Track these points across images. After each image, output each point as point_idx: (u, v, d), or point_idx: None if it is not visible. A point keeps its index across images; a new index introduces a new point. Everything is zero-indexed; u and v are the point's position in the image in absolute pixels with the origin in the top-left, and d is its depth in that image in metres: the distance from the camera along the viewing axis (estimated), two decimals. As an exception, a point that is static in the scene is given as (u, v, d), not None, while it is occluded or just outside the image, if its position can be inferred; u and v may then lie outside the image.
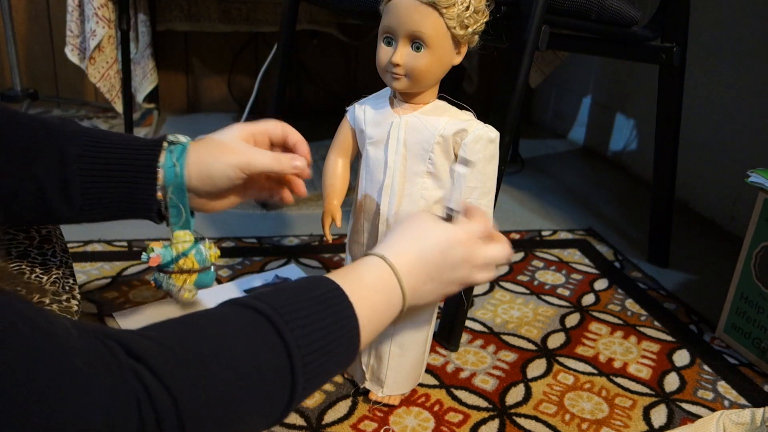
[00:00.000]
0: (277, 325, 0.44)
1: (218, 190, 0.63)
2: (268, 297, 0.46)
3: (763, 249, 0.88)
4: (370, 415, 0.73)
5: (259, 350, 0.43)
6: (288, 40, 1.17)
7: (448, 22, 0.61)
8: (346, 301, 0.49)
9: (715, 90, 1.42)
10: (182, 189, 0.60)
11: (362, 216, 0.70)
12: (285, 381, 0.44)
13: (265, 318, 0.44)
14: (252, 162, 0.61)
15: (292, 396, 0.44)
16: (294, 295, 0.47)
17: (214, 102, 1.98)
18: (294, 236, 1.18)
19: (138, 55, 1.68)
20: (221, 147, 0.62)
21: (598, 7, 0.90)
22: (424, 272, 0.56)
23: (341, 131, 0.72)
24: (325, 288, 0.49)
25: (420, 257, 0.56)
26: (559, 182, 1.62)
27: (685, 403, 0.80)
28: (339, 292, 0.49)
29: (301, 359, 0.44)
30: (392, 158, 0.67)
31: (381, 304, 0.53)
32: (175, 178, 0.59)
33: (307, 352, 0.45)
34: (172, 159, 0.59)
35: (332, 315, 0.48)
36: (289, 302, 0.46)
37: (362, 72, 2.00)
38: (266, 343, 0.43)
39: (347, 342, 0.49)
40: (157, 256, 0.62)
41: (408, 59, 0.62)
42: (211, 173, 0.61)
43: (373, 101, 0.70)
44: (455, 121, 0.65)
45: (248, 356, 0.42)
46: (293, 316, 0.45)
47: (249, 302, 0.46)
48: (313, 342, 0.45)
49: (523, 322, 0.95)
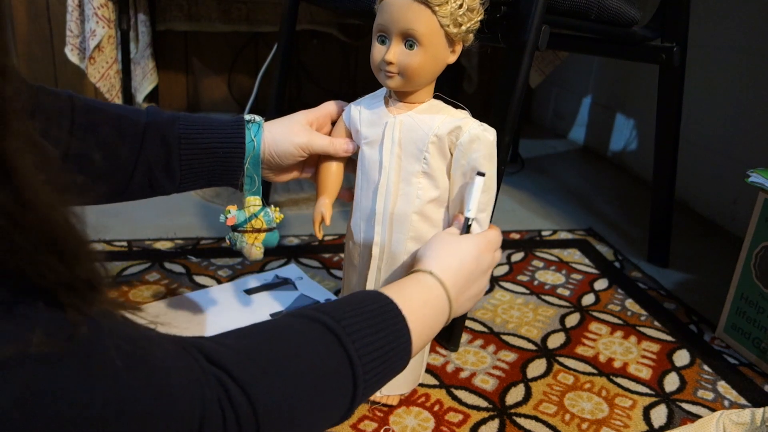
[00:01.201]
0: (339, 336, 0.48)
1: (283, 165, 0.72)
2: (329, 309, 0.50)
3: (763, 249, 0.88)
4: (370, 415, 0.73)
5: (324, 358, 0.47)
6: (288, 40, 1.17)
7: (441, 19, 0.60)
8: (400, 315, 0.53)
9: (715, 90, 1.42)
10: (257, 161, 0.70)
11: (359, 216, 0.70)
12: (347, 388, 0.48)
13: (328, 329, 0.48)
14: (311, 143, 0.70)
15: (352, 401, 0.49)
16: (352, 309, 0.51)
17: (214, 102, 1.98)
18: (294, 236, 1.18)
19: (138, 55, 1.68)
20: (289, 128, 0.70)
21: (597, 7, 0.90)
22: (464, 283, 0.61)
23: (336, 131, 0.72)
24: (381, 303, 0.53)
25: (460, 270, 0.61)
26: (559, 182, 1.62)
27: (685, 403, 0.80)
28: (393, 306, 0.53)
29: (361, 368, 0.48)
30: (387, 158, 0.67)
31: (430, 318, 0.57)
32: (253, 152, 0.69)
33: (366, 361, 0.49)
34: (250, 135, 0.69)
35: (387, 328, 0.52)
36: (349, 315, 0.50)
37: (362, 72, 2.00)
38: (330, 352, 0.47)
39: (400, 353, 0.53)
40: (233, 217, 0.71)
41: (401, 57, 0.62)
42: (278, 150, 0.70)
43: (369, 101, 0.70)
44: (450, 120, 0.65)
45: (315, 364, 0.46)
46: (353, 328, 0.49)
47: (312, 314, 0.49)
48: (371, 352, 0.49)
49: (523, 322, 0.95)
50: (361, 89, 0.74)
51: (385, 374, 0.52)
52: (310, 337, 0.48)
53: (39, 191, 0.29)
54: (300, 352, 0.46)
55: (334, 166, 0.72)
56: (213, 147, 0.68)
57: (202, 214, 1.26)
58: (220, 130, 0.69)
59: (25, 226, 0.29)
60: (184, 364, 0.39)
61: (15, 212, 0.28)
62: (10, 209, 0.28)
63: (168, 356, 0.38)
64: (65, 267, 0.30)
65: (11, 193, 0.28)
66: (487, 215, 0.68)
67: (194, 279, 1.00)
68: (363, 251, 0.71)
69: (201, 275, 1.01)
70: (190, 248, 1.10)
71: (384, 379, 0.52)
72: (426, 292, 0.57)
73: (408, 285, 0.58)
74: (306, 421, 0.45)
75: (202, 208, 1.28)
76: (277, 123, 0.71)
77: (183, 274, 1.01)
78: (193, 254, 1.08)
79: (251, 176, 0.70)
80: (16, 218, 0.28)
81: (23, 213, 0.28)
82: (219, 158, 0.69)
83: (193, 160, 0.68)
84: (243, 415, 0.40)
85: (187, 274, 1.01)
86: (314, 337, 0.48)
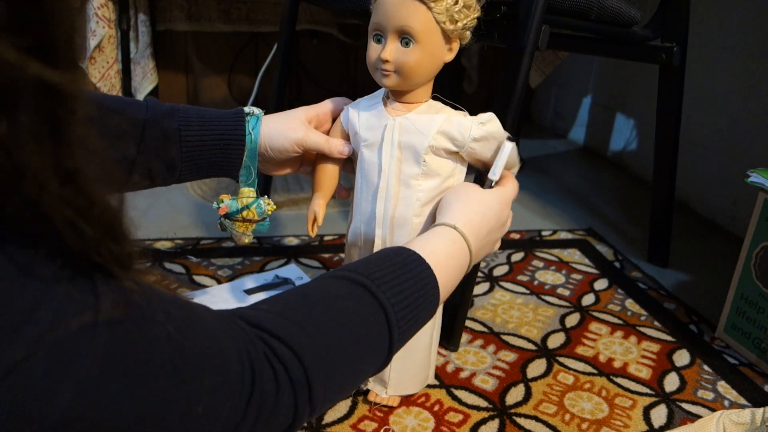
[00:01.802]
0: (369, 288, 0.51)
1: (278, 159, 0.72)
2: (356, 266, 0.54)
3: (763, 249, 0.88)
4: (370, 415, 0.73)
5: (360, 310, 0.50)
6: (288, 40, 1.17)
7: (436, 16, 0.60)
8: (425, 264, 0.56)
9: (715, 90, 1.42)
10: (254, 153, 0.70)
11: (359, 219, 0.70)
12: (384, 335, 0.51)
13: (358, 284, 0.51)
14: (306, 139, 0.70)
15: (390, 347, 0.52)
16: (378, 263, 0.54)
17: (214, 102, 1.98)
18: (294, 236, 1.18)
19: (138, 55, 1.68)
20: (286, 123, 0.71)
21: (598, 7, 0.90)
22: (484, 235, 0.64)
23: (334, 133, 0.72)
24: (406, 255, 0.56)
25: (482, 224, 0.64)
26: (559, 182, 1.62)
27: (685, 403, 0.80)
28: (418, 257, 0.56)
29: (394, 315, 0.51)
30: (386, 161, 0.66)
31: (453, 268, 0.60)
32: (250, 144, 0.70)
33: (398, 308, 0.52)
34: (248, 128, 0.70)
35: (415, 277, 0.55)
36: (376, 268, 0.53)
37: (362, 72, 2.00)
38: (363, 303, 0.51)
39: (430, 299, 0.56)
40: (225, 206, 0.72)
41: (397, 55, 0.62)
42: (273, 144, 0.70)
43: (367, 103, 0.69)
44: (450, 122, 0.65)
45: (352, 316, 0.49)
46: (382, 279, 0.52)
47: (340, 273, 0.53)
48: (402, 300, 0.52)
49: (523, 322, 0.95)
50: (361, 89, 0.74)
51: (418, 320, 0.55)
52: (341, 292, 0.51)
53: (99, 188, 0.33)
54: (337, 307, 0.49)
55: (330, 166, 0.72)
56: (213, 139, 0.69)
57: (202, 214, 1.26)
58: (219, 122, 0.69)
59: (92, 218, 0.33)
60: (227, 326, 0.42)
61: (84, 208, 0.32)
62: (80, 205, 0.32)
63: (212, 319, 0.42)
64: (118, 246, 0.35)
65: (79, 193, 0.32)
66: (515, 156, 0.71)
67: (194, 279, 1.00)
68: (364, 255, 0.70)
69: (201, 275, 1.01)
70: (190, 248, 1.10)
71: (417, 325, 0.55)
72: (449, 245, 0.60)
73: (433, 238, 0.60)
74: (350, 369, 0.49)
75: (202, 208, 1.28)
76: (276, 117, 0.72)
77: (183, 274, 1.01)
78: (193, 254, 1.08)
79: (248, 168, 0.71)
80: (85, 213, 0.32)
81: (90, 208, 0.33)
82: (219, 150, 0.69)
83: (193, 152, 0.68)
84: (291, 366, 0.43)
85: (187, 274, 1.01)
86: (345, 291, 0.51)
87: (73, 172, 0.32)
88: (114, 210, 0.34)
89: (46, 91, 0.30)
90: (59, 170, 0.31)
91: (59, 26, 0.30)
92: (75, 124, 0.32)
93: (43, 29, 0.30)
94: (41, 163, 0.30)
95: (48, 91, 0.30)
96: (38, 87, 0.29)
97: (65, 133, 0.31)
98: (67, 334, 0.32)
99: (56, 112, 0.31)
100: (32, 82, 0.29)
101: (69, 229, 0.32)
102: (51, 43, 0.30)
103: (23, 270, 0.32)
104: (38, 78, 0.29)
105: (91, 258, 0.34)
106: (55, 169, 0.31)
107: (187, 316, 0.40)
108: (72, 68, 0.31)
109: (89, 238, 0.33)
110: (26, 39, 0.29)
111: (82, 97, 0.32)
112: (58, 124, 0.31)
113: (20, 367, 0.30)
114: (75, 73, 0.31)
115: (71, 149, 0.32)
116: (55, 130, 0.31)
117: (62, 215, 0.32)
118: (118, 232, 0.35)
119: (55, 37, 0.30)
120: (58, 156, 0.31)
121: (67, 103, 0.31)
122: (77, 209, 0.32)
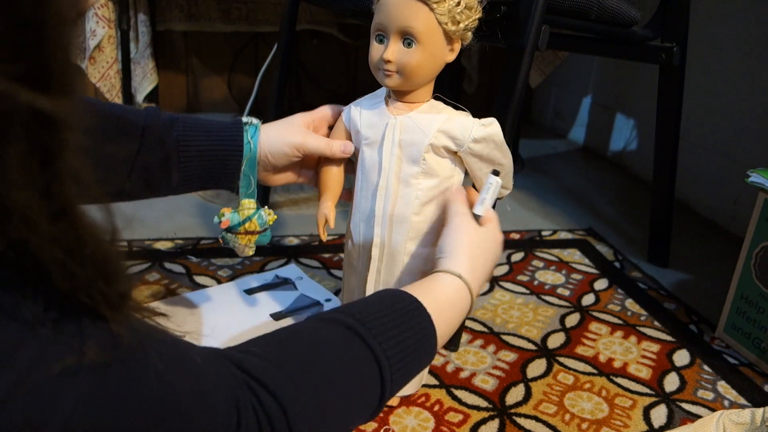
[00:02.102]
0: (363, 337, 0.49)
1: (279, 165, 0.72)
2: (353, 310, 0.51)
3: (763, 249, 0.88)
4: (370, 415, 0.73)
5: (351, 359, 0.48)
6: (288, 40, 1.17)
7: (439, 17, 0.60)
8: (425, 314, 0.54)
9: (715, 90, 1.42)
10: (254, 163, 0.70)
11: (358, 217, 0.70)
12: (375, 386, 0.49)
13: (352, 331, 0.49)
14: (305, 143, 0.70)
15: (381, 399, 0.50)
16: (376, 309, 0.52)
17: (214, 102, 1.98)
18: (294, 236, 1.18)
19: (138, 55, 1.68)
20: (284, 129, 0.71)
21: (598, 7, 0.90)
22: (484, 277, 0.63)
23: (336, 133, 0.72)
24: (407, 303, 0.54)
25: (484, 267, 0.63)
26: (559, 182, 1.62)
27: (685, 403, 0.80)
28: (418, 304, 0.55)
29: (389, 369, 0.49)
30: (387, 160, 0.66)
31: (454, 318, 0.59)
32: (249, 154, 0.69)
33: (393, 361, 0.50)
34: (247, 137, 0.69)
35: (413, 328, 0.53)
36: (373, 315, 0.51)
37: (362, 72, 2.00)
38: (356, 353, 0.48)
39: (426, 350, 0.54)
40: (226, 220, 0.72)
41: (399, 55, 0.62)
42: (273, 149, 0.70)
43: (369, 101, 0.70)
44: (452, 123, 0.65)
45: (342, 365, 0.48)
46: (379, 328, 0.50)
47: (335, 316, 0.50)
48: (397, 353, 0.50)
49: (523, 322, 0.95)
50: (361, 89, 0.74)
51: (411, 371, 0.53)
52: (335, 339, 0.49)
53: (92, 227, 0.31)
54: (326, 355, 0.47)
55: (334, 168, 0.72)
56: (211, 151, 0.69)
57: (202, 214, 1.26)
58: (217, 133, 0.69)
59: (83, 257, 0.31)
60: (217, 368, 0.41)
61: (75, 247, 0.31)
62: (71, 244, 0.30)
63: (203, 359, 0.40)
64: (109, 287, 0.33)
65: (70, 231, 0.30)
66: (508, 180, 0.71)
67: (194, 279, 1.00)
68: (362, 252, 0.70)
69: (201, 275, 1.01)
70: (190, 248, 1.10)
71: (410, 376, 0.54)
72: (453, 294, 0.59)
73: (438, 287, 0.59)
74: (336, 422, 0.47)
75: (202, 208, 1.28)
76: (274, 125, 0.72)
77: (183, 274, 1.01)
78: (193, 254, 1.08)
79: (247, 178, 0.70)
80: (75, 252, 0.31)
81: (82, 247, 0.31)
82: (216, 162, 0.69)
83: (190, 163, 0.68)
84: (275, 417, 0.42)
85: (187, 274, 1.01)
86: (339, 339, 0.49)
87: (64, 208, 0.30)
88: (106, 248, 0.33)
89: (38, 120, 0.28)
90: (49, 207, 0.29)
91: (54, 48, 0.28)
92: (67, 157, 0.30)
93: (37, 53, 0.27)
94: (30, 199, 0.28)
95: (39, 120, 0.28)
96: (29, 116, 0.27)
97: (57, 166, 0.29)
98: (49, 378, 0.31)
99: (48, 144, 0.29)
100: (23, 110, 0.27)
101: (58, 270, 0.31)
102: (44, 66, 0.28)
103: (4, 312, 0.30)
104: (29, 106, 0.27)
105: (79, 299, 0.32)
106: (45, 207, 0.29)
107: (178, 356, 0.38)
108: (65, 94, 0.29)
109: (79, 278, 0.31)
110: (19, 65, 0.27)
111: (75, 126, 0.30)
112: (50, 157, 0.29)
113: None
114: (68, 100, 0.29)
115: (63, 184, 0.30)
116: (46, 163, 0.29)
117: (51, 255, 0.30)
118: (110, 271, 0.33)
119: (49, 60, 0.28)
120: (49, 192, 0.29)
121: (59, 133, 0.29)
122: (67, 249, 0.30)
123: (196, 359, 0.40)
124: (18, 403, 0.30)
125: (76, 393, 0.32)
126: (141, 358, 0.35)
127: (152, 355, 0.36)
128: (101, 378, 0.33)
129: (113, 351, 0.34)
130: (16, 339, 0.30)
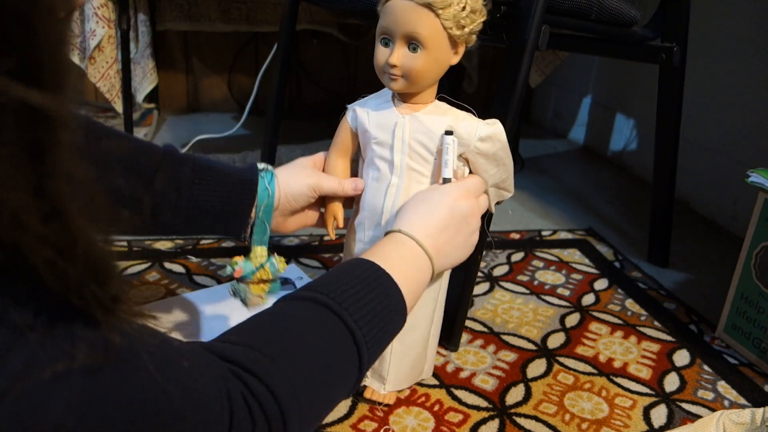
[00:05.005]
0: (333, 309, 0.50)
1: (297, 207, 0.72)
2: (318, 286, 0.52)
3: (763, 249, 0.88)
4: (370, 415, 0.73)
5: (326, 334, 0.49)
6: (288, 40, 1.17)
7: (444, 22, 0.61)
8: (385, 274, 0.55)
9: (715, 90, 1.42)
10: (270, 209, 0.70)
11: (364, 215, 0.71)
12: (353, 356, 0.50)
13: (321, 305, 0.50)
14: (321, 183, 0.71)
15: (360, 367, 0.51)
16: (340, 279, 0.53)
17: (214, 102, 1.98)
18: (294, 236, 1.18)
19: (138, 54, 1.68)
20: (299, 171, 0.72)
21: (598, 7, 0.90)
22: (440, 231, 0.62)
23: (341, 132, 0.73)
24: (364, 267, 0.55)
25: (431, 219, 0.62)
26: (559, 182, 1.62)
27: (685, 403, 0.80)
28: (376, 267, 0.55)
29: (361, 335, 0.50)
30: (398, 158, 0.67)
31: (413, 271, 0.59)
32: (267, 199, 0.70)
33: (363, 324, 0.51)
34: (264, 183, 0.70)
35: (377, 288, 0.54)
36: (338, 286, 0.52)
37: (362, 72, 2.00)
38: (329, 326, 0.49)
39: (396, 309, 0.55)
40: (240, 269, 0.70)
41: (405, 60, 0.62)
42: (292, 191, 0.71)
43: (375, 102, 0.70)
44: (458, 123, 0.66)
45: (319, 342, 0.48)
46: (344, 297, 0.51)
47: (303, 294, 0.51)
48: (366, 316, 0.51)
49: (523, 322, 0.95)
50: (361, 89, 0.74)
51: (387, 333, 0.54)
52: (309, 317, 0.50)
53: (85, 227, 0.31)
54: (303, 334, 0.48)
55: (340, 168, 0.74)
56: (219, 191, 0.69)
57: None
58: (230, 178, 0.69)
59: (74, 257, 0.30)
60: (206, 364, 0.41)
61: (66, 247, 0.30)
62: (62, 245, 0.30)
63: (192, 357, 0.41)
64: (101, 289, 0.32)
65: (62, 231, 0.30)
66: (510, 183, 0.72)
67: (194, 279, 1.00)
68: (366, 248, 0.71)
69: (201, 275, 1.01)
70: (190, 248, 1.10)
71: (387, 338, 0.54)
72: (399, 247, 0.59)
73: (382, 246, 0.60)
74: (323, 397, 0.48)
75: (202, 208, 1.28)
76: (285, 169, 0.73)
77: (183, 274, 1.01)
78: (193, 254, 1.08)
79: (263, 225, 0.70)
80: (67, 252, 0.30)
81: (73, 246, 0.30)
82: (226, 206, 0.69)
83: (198, 203, 0.68)
84: (265, 402, 0.42)
85: (187, 274, 1.01)
86: (311, 315, 0.50)
87: (57, 208, 0.29)
88: (99, 248, 0.32)
89: (29, 116, 0.27)
90: (41, 207, 0.28)
91: (45, 43, 0.28)
92: (60, 153, 0.29)
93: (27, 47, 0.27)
94: (22, 198, 0.28)
95: (31, 116, 0.27)
96: (20, 111, 0.27)
97: (49, 163, 0.28)
98: (39, 383, 0.31)
99: (40, 140, 0.28)
100: (14, 105, 0.26)
101: (49, 271, 0.30)
102: (35, 61, 0.27)
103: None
104: (20, 101, 0.26)
105: (71, 301, 0.31)
106: (37, 206, 0.28)
107: (169, 355, 0.39)
108: (58, 90, 0.28)
109: (71, 279, 0.31)
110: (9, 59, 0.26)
111: (68, 122, 0.29)
112: (42, 154, 0.28)
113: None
114: (61, 96, 0.28)
115: (55, 182, 0.29)
116: (38, 160, 0.28)
117: (42, 256, 0.29)
118: (103, 272, 0.32)
119: (40, 54, 0.27)
120: (41, 190, 0.28)
121: (51, 129, 0.28)
122: (59, 249, 0.30)
123: (186, 357, 0.40)
124: (8, 408, 0.30)
125: (67, 396, 0.32)
126: (132, 359, 0.35)
127: (143, 356, 0.36)
128: (93, 381, 0.33)
129: (105, 353, 0.33)
130: (5, 344, 0.30)
